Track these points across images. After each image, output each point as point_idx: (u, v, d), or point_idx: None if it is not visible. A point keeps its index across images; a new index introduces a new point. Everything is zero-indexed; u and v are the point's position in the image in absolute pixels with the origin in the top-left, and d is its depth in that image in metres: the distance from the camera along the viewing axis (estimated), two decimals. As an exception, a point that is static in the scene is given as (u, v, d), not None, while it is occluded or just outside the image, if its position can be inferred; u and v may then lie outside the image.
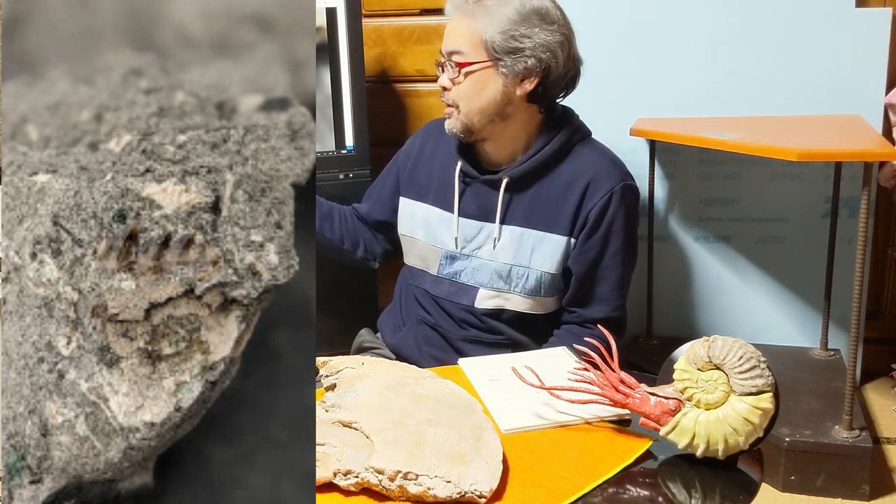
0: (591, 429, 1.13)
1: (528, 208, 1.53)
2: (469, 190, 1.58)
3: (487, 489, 0.95)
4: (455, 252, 1.59)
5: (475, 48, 1.46)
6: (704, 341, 1.06)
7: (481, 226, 1.57)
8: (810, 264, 2.17)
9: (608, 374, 1.11)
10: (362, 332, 1.81)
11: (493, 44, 1.44)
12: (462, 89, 1.48)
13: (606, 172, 1.52)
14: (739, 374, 1.03)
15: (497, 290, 1.56)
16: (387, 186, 1.72)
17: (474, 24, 1.45)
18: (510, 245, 1.54)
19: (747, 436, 1.04)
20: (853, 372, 1.74)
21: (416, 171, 1.67)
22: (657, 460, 1.08)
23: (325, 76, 1.99)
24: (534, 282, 1.54)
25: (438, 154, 1.63)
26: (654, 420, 1.07)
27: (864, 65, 2.04)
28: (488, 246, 1.56)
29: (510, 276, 1.55)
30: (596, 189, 1.50)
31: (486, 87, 1.47)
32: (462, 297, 1.59)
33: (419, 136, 1.72)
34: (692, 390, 1.06)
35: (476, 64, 1.46)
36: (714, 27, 2.10)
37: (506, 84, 1.47)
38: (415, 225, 1.65)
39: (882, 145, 1.64)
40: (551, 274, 1.53)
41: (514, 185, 1.53)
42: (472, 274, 1.58)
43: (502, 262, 1.55)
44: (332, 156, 2.04)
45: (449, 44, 1.49)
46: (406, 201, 1.67)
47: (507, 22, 1.44)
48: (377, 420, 1.04)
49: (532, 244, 1.53)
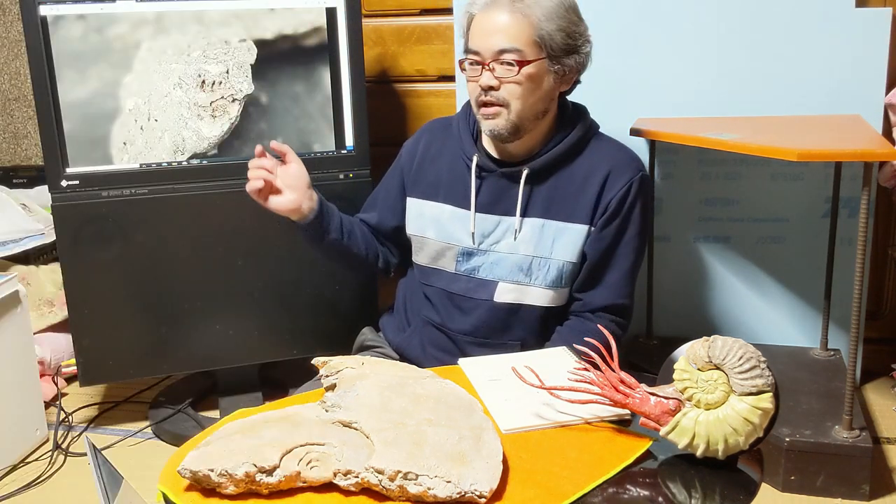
0: (591, 429, 1.13)
1: (548, 200, 1.55)
2: (485, 184, 1.57)
3: (487, 489, 0.95)
4: (472, 248, 1.58)
5: (531, 46, 1.45)
6: (704, 341, 1.06)
7: (499, 220, 1.57)
8: (810, 264, 2.17)
9: (608, 374, 1.11)
10: (364, 330, 1.81)
11: (552, 41, 1.45)
12: (517, 88, 1.46)
13: (626, 163, 1.56)
14: (739, 374, 1.03)
15: (517, 283, 1.57)
16: (392, 191, 1.71)
17: (527, 21, 1.44)
18: (531, 237, 1.55)
19: (747, 436, 1.04)
20: (853, 372, 1.74)
21: (422, 171, 1.66)
22: (657, 460, 1.08)
23: (325, 76, 1.99)
24: (555, 272, 1.55)
25: (445, 153, 1.63)
26: (654, 420, 1.07)
27: (864, 65, 2.04)
28: (507, 239, 1.56)
29: (531, 269, 1.56)
30: (616, 179, 1.53)
31: (540, 84, 1.48)
32: (480, 293, 1.59)
33: (422, 136, 1.71)
34: (692, 390, 1.06)
35: (536, 62, 1.46)
36: (714, 27, 2.09)
37: (555, 80, 1.50)
38: (425, 224, 1.64)
39: (882, 145, 1.64)
40: (573, 263, 1.55)
41: (533, 176, 1.54)
42: (491, 268, 1.58)
43: (523, 254, 1.55)
44: (332, 156, 2.04)
45: (496, 42, 1.45)
46: (414, 201, 1.66)
47: (561, 19, 1.45)
48: (377, 420, 1.04)
49: (553, 235, 1.54)
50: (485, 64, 1.46)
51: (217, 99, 1.92)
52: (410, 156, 1.69)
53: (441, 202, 1.62)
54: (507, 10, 1.44)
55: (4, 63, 2.92)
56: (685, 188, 2.21)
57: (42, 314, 2.35)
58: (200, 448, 1.02)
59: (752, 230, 2.20)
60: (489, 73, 1.46)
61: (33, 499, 1.86)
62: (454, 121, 1.66)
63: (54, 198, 1.91)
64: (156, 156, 1.93)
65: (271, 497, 0.98)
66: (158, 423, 2.13)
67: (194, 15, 1.88)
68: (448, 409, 1.08)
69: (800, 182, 2.15)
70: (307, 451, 1.00)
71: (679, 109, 2.14)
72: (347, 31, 1.98)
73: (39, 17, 1.81)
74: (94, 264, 1.95)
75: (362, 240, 1.70)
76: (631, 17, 2.13)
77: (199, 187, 1.97)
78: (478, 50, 1.47)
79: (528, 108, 1.48)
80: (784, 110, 2.10)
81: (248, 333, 2.08)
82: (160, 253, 1.98)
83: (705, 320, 2.26)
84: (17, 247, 2.36)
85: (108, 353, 2.01)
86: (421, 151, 1.68)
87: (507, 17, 1.44)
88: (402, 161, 1.71)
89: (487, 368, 1.31)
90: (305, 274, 2.07)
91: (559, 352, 1.38)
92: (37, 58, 1.82)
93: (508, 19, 1.44)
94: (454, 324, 1.61)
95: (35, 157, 2.96)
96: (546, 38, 1.44)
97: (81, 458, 2.00)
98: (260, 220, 1.99)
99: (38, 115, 1.86)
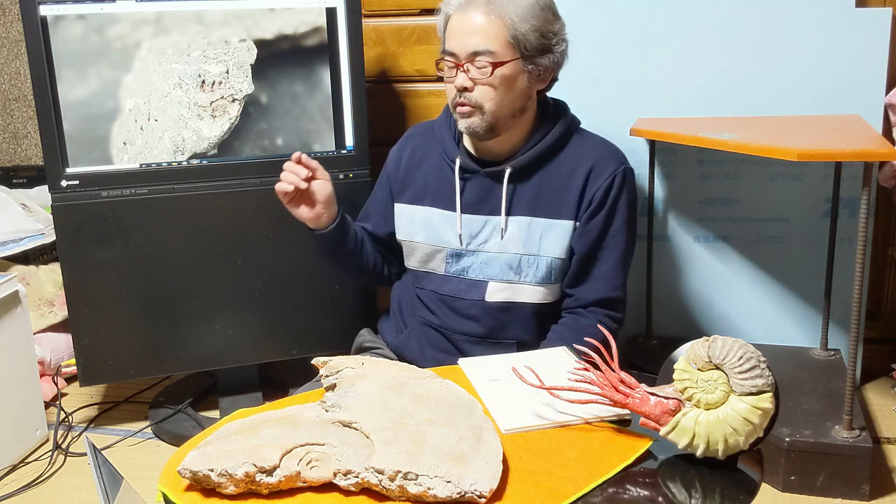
0: (591, 429, 1.13)
1: (533, 197, 1.55)
2: (469, 185, 1.58)
3: (487, 489, 0.95)
4: (461, 249, 1.59)
5: (505, 46, 1.45)
6: (704, 341, 1.06)
7: (486, 219, 1.57)
8: (810, 264, 2.17)
9: (608, 374, 1.11)
10: (363, 331, 1.81)
11: (526, 41, 1.45)
12: (490, 90, 1.47)
13: (609, 157, 1.56)
14: (739, 374, 1.03)
15: (507, 282, 1.57)
16: (382, 200, 1.73)
17: (501, 22, 1.43)
18: (518, 235, 1.55)
19: (747, 436, 1.04)
20: (853, 372, 1.74)
21: (409, 177, 1.67)
22: (657, 460, 1.08)
23: (325, 76, 1.99)
24: (545, 269, 1.55)
25: (430, 157, 1.64)
26: (654, 420, 1.07)
27: (864, 65, 2.04)
28: (495, 239, 1.56)
29: (520, 266, 1.56)
30: (599, 173, 1.54)
31: (514, 84, 1.48)
32: (471, 293, 1.59)
33: (406, 143, 1.72)
34: (692, 390, 1.06)
35: (509, 63, 1.45)
36: (714, 27, 2.09)
37: (530, 79, 1.49)
38: (414, 228, 1.65)
39: (882, 145, 1.64)
40: (561, 259, 1.55)
41: (516, 175, 1.54)
42: (481, 268, 1.58)
43: (512, 252, 1.55)
44: (332, 156, 2.04)
45: (470, 43, 1.45)
46: (402, 206, 1.68)
47: (535, 19, 1.44)
48: (377, 420, 1.04)
49: (540, 232, 1.55)
50: (459, 65, 1.47)
51: (217, 99, 1.92)
52: (395, 163, 1.71)
53: (429, 206, 1.62)
54: (481, 11, 1.44)
55: (4, 63, 2.92)
56: (685, 188, 2.21)
57: (42, 314, 2.35)
58: (200, 448, 1.02)
59: (752, 230, 2.20)
60: (464, 75, 1.46)
61: (33, 499, 1.86)
62: (436, 124, 1.67)
63: (54, 198, 1.91)
64: (156, 156, 1.93)
65: (271, 497, 0.98)
66: (158, 423, 2.13)
67: (194, 15, 1.88)
68: (448, 409, 1.08)
69: (800, 182, 2.15)
70: (307, 451, 1.00)
71: (679, 109, 2.14)
72: (347, 31, 1.98)
73: (39, 17, 1.81)
74: (93, 264, 1.95)
75: (371, 250, 1.73)
76: (631, 17, 2.13)
77: (199, 187, 1.97)
78: (453, 51, 1.47)
79: (502, 108, 1.49)
80: (784, 110, 2.10)
81: (248, 333, 2.08)
82: (160, 253, 1.98)
83: (705, 320, 2.26)
84: (17, 247, 2.36)
85: (108, 353, 2.01)
86: (406, 158, 1.68)
87: (482, 18, 1.44)
88: (388, 169, 1.73)
89: (487, 368, 1.31)
90: (305, 274, 2.07)
91: (559, 352, 1.38)
92: (37, 58, 1.82)
93: (482, 21, 1.44)
94: (450, 324, 1.61)
95: (35, 157, 2.97)
96: (520, 38, 1.44)
97: (81, 458, 2.00)
98: (260, 220, 2.00)
99: (38, 115, 1.86)
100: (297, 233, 1.68)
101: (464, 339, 1.60)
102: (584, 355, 1.18)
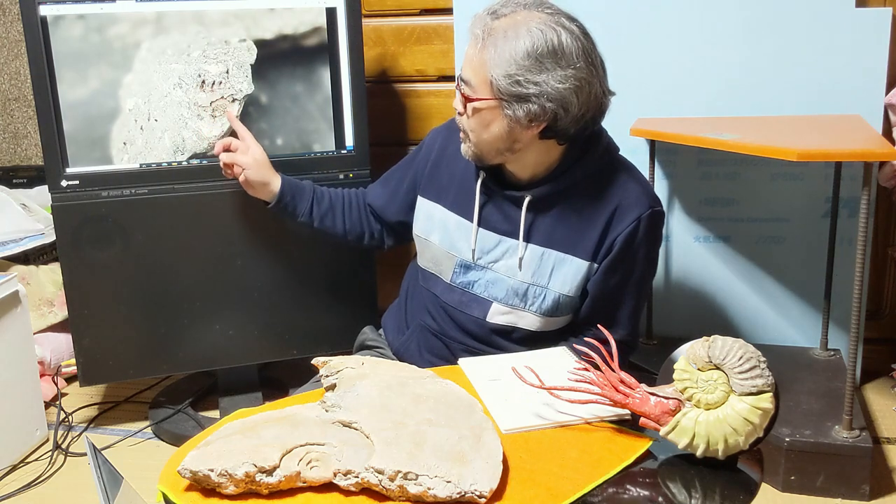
0: (591, 429, 1.13)
1: (551, 228, 1.48)
2: (491, 202, 1.53)
3: (487, 489, 0.95)
4: (470, 262, 1.54)
5: (482, 84, 1.37)
6: (704, 341, 1.06)
7: (500, 239, 1.52)
8: (810, 264, 2.17)
9: (608, 374, 1.11)
10: (365, 329, 1.80)
11: (498, 86, 1.35)
12: (468, 120, 1.42)
13: (635, 198, 1.46)
14: (739, 374, 1.03)
15: (511, 307, 1.52)
16: (402, 186, 1.69)
17: (482, 57, 1.36)
18: (530, 264, 1.49)
19: (747, 436, 1.04)
20: (853, 372, 1.74)
21: (436, 172, 1.62)
22: (657, 460, 1.08)
23: (325, 76, 1.99)
24: (551, 302, 1.50)
25: (461, 158, 1.54)
26: (654, 420, 1.07)
27: (864, 65, 2.04)
28: (506, 261, 1.51)
29: (527, 295, 1.50)
30: (623, 215, 1.45)
31: (491, 124, 1.40)
32: (474, 309, 1.55)
33: (440, 135, 1.66)
34: (692, 390, 1.06)
35: (481, 101, 1.38)
36: (714, 27, 2.09)
37: (510, 125, 1.38)
38: (431, 227, 1.61)
39: (882, 145, 1.64)
40: (569, 297, 1.49)
41: (536, 204, 1.48)
42: (487, 287, 1.53)
43: (520, 279, 1.50)
44: (332, 156, 2.04)
45: (463, 70, 1.42)
46: (424, 201, 1.63)
47: (514, 65, 1.33)
48: (377, 420, 1.04)
49: (552, 264, 1.48)
50: (458, 86, 1.44)
51: (217, 99, 1.92)
52: (427, 154, 1.65)
53: (447, 209, 1.58)
54: (477, 41, 1.38)
55: (4, 63, 2.92)
56: (685, 188, 2.21)
57: (42, 314, 2.35)
58: (200, 448, 1.02)
59: (752, 230, 2.20)
60: (457, 99, 1.44)
61: (33, 499, 1.86)
62: None
63: (54, 198, 1.91)
64: (156, 156, 1.93)
65: (271, 497, 0.98)
66: (158, 423, 2.13)
67: (194, 15, 1.88)
68: (448, 409, 1.08)
69: (800, 182, 2.15)
70: (307, 451, 1.00)
71: (679, 109, 2.14)
72: (347, 31, 1.98)
73: (39, 17, 1.81)
74: (93, 264, 1.95)
75: (343, 220, 1.75)
76: (631, 18, 2.13)
77: (199, 187, 1.97)
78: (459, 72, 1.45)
79: (483, 144, 1.43)
80: (784, 110, 2.10)
81: (248, 333, 2.08)
82: (160, 253, 1.98)
83: (705, 320, 2.26)
84: (17, 247, 2.36)
85: (108, 353, 2.01)
86: (437, 152, 1.63)
87: (473, 50, 1.38)
88: (419, 158, 1.67)
89: (487, 368, 1.31)
90: (305, 274, 2.07)
91: (559, 352, 1.38)
92: (37, 58, 1.82)
93: (473, 52, 1.38)
94: (449, 332, 1.60)
95: (35, 157, 2.97)
96: (494, 81, 1.35)
97: (81, 458, 2.00)
98: (259, 220, 2.00)
99: (38, 115, 1.86)
100: (297, 233, 1.68)
101: (461, 348, 1.58)
102: (584, 355, 1.18)
